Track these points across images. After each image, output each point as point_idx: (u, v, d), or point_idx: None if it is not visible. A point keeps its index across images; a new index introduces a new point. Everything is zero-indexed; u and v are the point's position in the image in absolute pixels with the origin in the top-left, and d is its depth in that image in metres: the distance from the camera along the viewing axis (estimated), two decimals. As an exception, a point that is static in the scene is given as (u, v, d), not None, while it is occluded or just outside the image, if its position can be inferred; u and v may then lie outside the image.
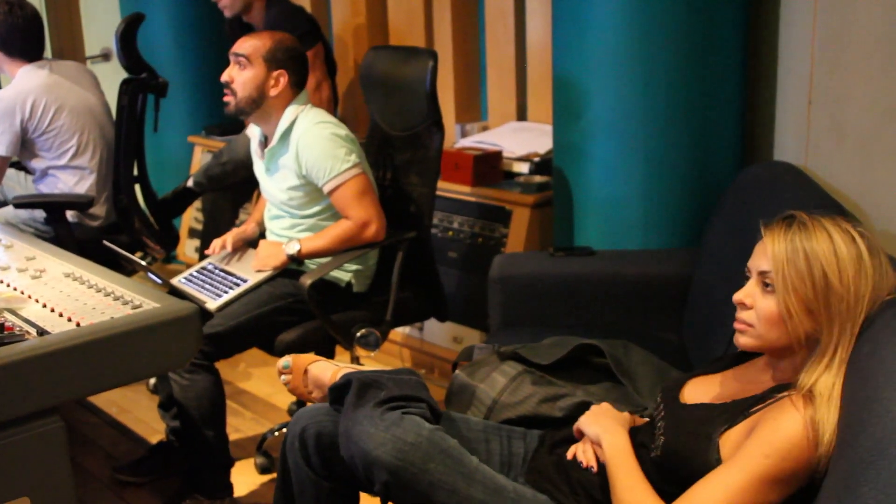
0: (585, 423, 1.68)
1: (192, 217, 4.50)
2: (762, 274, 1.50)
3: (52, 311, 1.87)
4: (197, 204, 4.15)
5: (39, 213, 3.11)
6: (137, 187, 3.31)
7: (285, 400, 3.26)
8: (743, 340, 1.54)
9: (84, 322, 1.78)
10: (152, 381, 3.34)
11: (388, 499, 1.55)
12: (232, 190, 3.69)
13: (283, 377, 1.98)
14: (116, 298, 1.91)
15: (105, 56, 5.08)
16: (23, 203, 3.07)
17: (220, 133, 4.41)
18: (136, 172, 3.30)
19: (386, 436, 1.53)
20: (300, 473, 1.75)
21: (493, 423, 1.86)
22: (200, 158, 4.48)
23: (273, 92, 2.56)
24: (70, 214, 3.12)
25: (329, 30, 4.31)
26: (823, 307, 1.44)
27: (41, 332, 1.75)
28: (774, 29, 2.73)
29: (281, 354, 2.52)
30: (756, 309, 1.51)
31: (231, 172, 3.54)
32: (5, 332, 1.73)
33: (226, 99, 2.59)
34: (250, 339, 2.56)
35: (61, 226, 3.06)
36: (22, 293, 1.98)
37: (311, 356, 1.98)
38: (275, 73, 2.56)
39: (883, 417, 1.24)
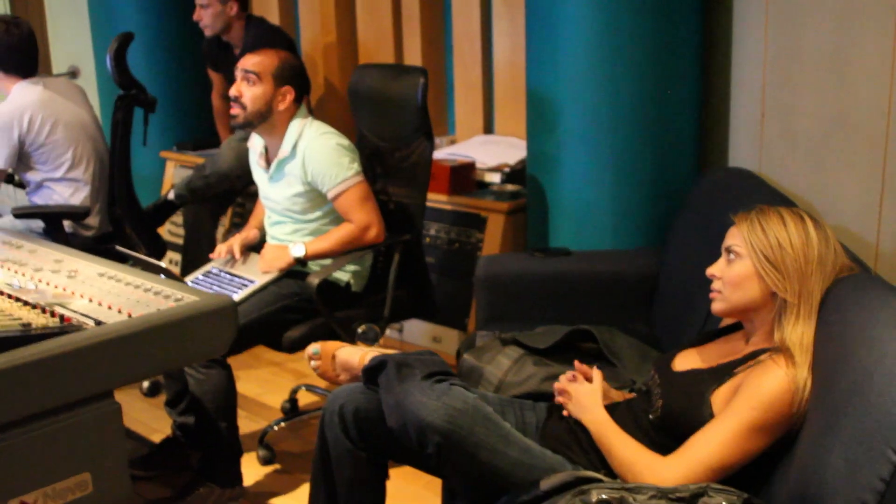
0: (570, 407, 1.92)
1: (166, 230, 4.62)
2: (727, 249, 1.82)
3: (100, 304, 2.02)
4: (173, 218, 4.29)
5: (36, 224, 3.25)
6: (128, 198, 3.46)
7: (276, 399, 3.43)
8: (715, 306, 1.84)
9: (134, 313, 1.95)
10: (146, 384, 3.48)
11: (440, 459, 1.75)
12: (211, 202, 3.85)
13: (312, 363, 2.17)
14: (157, 293, 2.07)
15: (72, 74, 5.18)
16: (23, 213, 3.20)
17: (192, 148, 4.55)
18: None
19: (437, 404, 1.74)
20: (339, 445, 1.95)
21: (506, 397, 2.09)
22: (173, 173, 4.62)
23: (280, 107, 2.75)
24: (66, 224, 3.26)
25: (298, 48, 4.49)
26: (782, 266, 1.73)
27: (98, 323, 1.91)
28: (728, 49, 3.01)
29: (289, 349, 2.73)
30: (723, 278, 1.81)
31: (214, 185, 3.71)
32: (65, 323, 1.89)
33: (233, 112, 2.76)
34: (260, 336, 2.74)
35: (59, 235, 3.19)
36: (65, 290, 2.14)
37: (337, 343, 2.18)
38: (282, 90, 2.75)
39: (854, 368, 1.50)
